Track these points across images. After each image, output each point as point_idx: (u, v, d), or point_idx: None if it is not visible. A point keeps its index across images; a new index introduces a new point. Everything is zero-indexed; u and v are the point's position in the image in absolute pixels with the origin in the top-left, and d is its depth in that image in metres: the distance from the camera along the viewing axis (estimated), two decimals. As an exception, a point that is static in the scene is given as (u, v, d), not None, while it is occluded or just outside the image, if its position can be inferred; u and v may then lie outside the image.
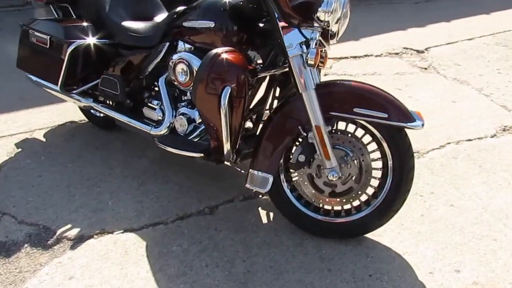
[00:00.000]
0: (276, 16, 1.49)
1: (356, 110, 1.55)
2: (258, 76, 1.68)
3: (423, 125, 1.53)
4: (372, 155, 1.66)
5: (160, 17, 2.18)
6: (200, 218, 1.91)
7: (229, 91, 1.53)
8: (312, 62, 1.45)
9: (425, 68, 3.53)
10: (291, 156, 1.70)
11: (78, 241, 1.80)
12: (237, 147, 1.71)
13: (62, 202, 2.04)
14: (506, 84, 3.23)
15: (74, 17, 2.32)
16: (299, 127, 1.61)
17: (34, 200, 2.06)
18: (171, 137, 1.90)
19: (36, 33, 2.17)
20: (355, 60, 3.72)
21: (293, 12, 1.46)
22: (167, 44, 1.92)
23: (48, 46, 2.14)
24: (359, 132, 1.66)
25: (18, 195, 2.09)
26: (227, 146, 1.61)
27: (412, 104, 2.93)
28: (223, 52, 1.56)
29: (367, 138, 1.66)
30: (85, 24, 2.15)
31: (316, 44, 1.47)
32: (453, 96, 3.04)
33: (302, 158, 1.65)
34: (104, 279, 1.60)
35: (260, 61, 1.79)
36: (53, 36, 2.11)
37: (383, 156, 1.63)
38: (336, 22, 1.53)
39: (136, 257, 1.70)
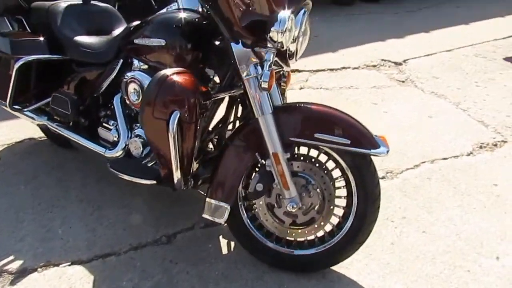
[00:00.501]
0: (228, 36, 1.38)
1: (317, 135, 1.43)
2: (213, 99, 1.56)
3: (387, 151, 1.42)
4: (336, 183, 1.55)
5: (118, 31, 2.05)
6: (156, 248, 1.77)
7: (178, 115, 1.41)
8: (266, 86, 1.33)
9: (403, 81, 3.45)
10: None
11: (19, 275, 1.65)
12: (191, 172, 1.59)
13: (8, 230, 1.89)
14: (484, 98, 3.16)
15: (28, 30, 2.17)
16: (256, 153, 1.50)
17: (-22, 228, 1.90)
18: (123, 161, 1.77)
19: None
20: (332, 73, 3.63)
21: (244, 32, 1.35)
22: (121, 61, 1.80)
23: (-4, 62, 2.00)
24: (322, 158, 1.55)
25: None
26: (177, 174, 1.48)
27: (388, 119, 2.85)
28: (172, 74, 1.43)
29: (330, 165, 1.55)
30: (36, 38, 2.01)
31: (270, 66, 1.36)
32: (430, 110, 2.96)
33: (260, 187, 1.53)
34: (41, 322, 1.45)
35: (217, 80, 1.67)
36: (1, 52, 1.97)
37: (347, 184, 1.52)
38: (294, 41, 1.42)
39: (80, 294, 1.56)
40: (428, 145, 2.51)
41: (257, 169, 1.58)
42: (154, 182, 1.62)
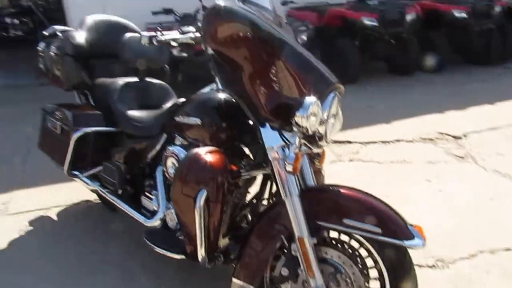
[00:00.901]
0: (253, 120, 1.42)
1: (346, 221, 1.37)
2: (242, 177, 1.58)
3: (423, 244, 1.31)
4: (368, 273, 1.44)
5: (167, 107, 2.20)
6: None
7: (205, 194, 1.43)
8: (291, 169, 1.33)
9: (462, 157, 3.25)
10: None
11: None
12: (221, 248, 1.58)
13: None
14: (557, 180, 2.86)
15: (92, 103, 2.41)
16: (282, 236, 1.46)
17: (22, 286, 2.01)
18: (157, 233, 1.81)
19: (51, 119, 2.27)
20: (384, 145, 3.53)
21: (270, 115, 1.39)
22: (165, 135, 1.91)
23: (59, 132, 2.21)
24: (354, 244, 1.46)
25: (6, 279, 2.06)
26: (201, 252, 1.48)
27: (442, 199, 2.66)
28: (203, 153, 1.49)
29: (363, 252, 1.45)
30: (94, 112, 2.21)
31: (296, 149, 1.36)
32: (491, 192, 2.72)
33: (285, 271, 1.47)
34: None
35: (252, 157, 1.70)
36: (63, 123, 2.18)
37: (380, 276, 1.41)
38: (321, 124, 1.41)
39: None
40: (487, 232, 2.28)
41: (284, 251, 1.53)
42: (183, 256, 1.63)
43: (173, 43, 1.52)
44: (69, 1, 5.49)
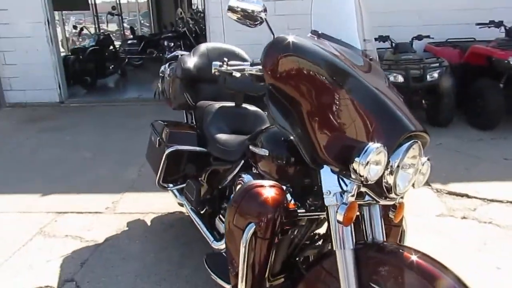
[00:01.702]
0: (309, 163, 1.33)
1: None
2: (299, 217, 1.48)
3: None
4: None
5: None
6: None
7: (253, 228, 1.38)
8: (341, 219, 1.19)
9: None
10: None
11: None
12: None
13: (121, 291, 2.12)
14: None
15: (194, 123, 2.57)
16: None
17: (104, 281, 2.21)
18: (217, 257, 1.81)
19: (154, 133, 2.49)
20: (511, 207, 2.96)
21: (328, 158, 1.27)
22: (242, 161, 1.92)
23: (157, 146, 2.41)
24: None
25: (96, 271, 2.29)
26: (241, 286, 1.41)
27: None
28: (259, 186, 1.44)
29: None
30: (189, 131, 2.35)
31: (352, 198, 1.22)
32: None
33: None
34: None
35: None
36: (161, 138, 2.38)
37: None
38: (391, 174, 1.24)
39: None
40: None
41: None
42: (230, 287, 1.59)
43: (236, 74, 1.53)
44: (210, 29, 6.07)
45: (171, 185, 2.43)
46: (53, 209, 3.05)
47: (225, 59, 1.60)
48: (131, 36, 11.56)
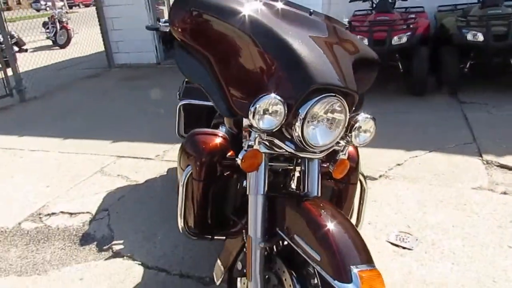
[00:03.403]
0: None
1: (295, 237, 1.25)
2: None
3: None
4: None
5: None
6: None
7: (190, 171, 1.54)
8: (240, 163, 1.28)
9: None
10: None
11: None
12: (206, 226, 1.62)
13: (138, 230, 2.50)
14: None
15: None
16: (244, 231, 1.43)
17: (129, 213, 2.61)
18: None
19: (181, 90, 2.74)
20: None
21: (235, 109, 1.33)
22: None
23: (178, 99, 2.67)
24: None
25: (127, 205, 2.71)
26: (180, 223, 1.60)
27: None
28: (202, 133, 1.57)
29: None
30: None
31: (251, 145, 1.29)
32: None
33: (239, 266, 1.45)
34: None
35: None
36: (179, 92, 2.62)
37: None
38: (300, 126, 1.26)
39: None
40: None
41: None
42: None
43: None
44: None
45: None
46: (116, 153, 3.59)
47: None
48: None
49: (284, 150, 1.36)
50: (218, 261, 1.60)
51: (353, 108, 1.45)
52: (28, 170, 3.39)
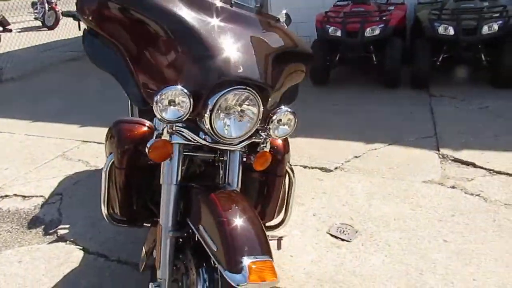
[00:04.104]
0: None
1: (200, 227, 1.27)
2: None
3: (241, 283, 1.10)
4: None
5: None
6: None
7: (112, 159, 1.55)
8: (147, 152, 1.29)
9: None
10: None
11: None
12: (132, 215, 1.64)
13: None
14: None
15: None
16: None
17: (82, 197, 2.63)
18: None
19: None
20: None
21: (148, 99, 1.34)
22: None
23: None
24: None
25: (82, 190, 2.72)
26: (104, 210, 1.61)
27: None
28: (126, 122, 1.57)
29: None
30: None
31: (160, 135, 1.30)
32: None
33: (154, 254, 1.47)
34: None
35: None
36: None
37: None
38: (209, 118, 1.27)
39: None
40: None
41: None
42: None
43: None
44: None
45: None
46: (82, 138, 3.59)
47: None
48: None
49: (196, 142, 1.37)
50: (143, 248, 1.63)
51: (273, 102, 1.47)
52: (-4, 152, 3.40)
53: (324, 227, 2.24)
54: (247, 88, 1.30)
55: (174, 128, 1.31)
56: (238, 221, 1.23)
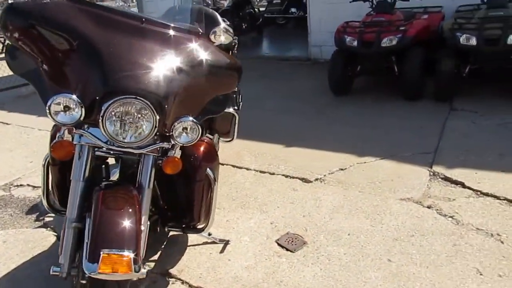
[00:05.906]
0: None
1: (87, 221, 1.44)
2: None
3: (91, 271, 1.26)
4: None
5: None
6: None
7: (48, 156, 1.77)
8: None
9: None
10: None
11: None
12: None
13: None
14: None
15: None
16: None
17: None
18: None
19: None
20: (504, 207, 2.35)
21: None
22: None
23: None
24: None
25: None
26: (44, 201, 1.84)
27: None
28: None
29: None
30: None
31: (63, 137, 1.49)
32: None
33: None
34: None
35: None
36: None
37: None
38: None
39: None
40: None
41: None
42: None
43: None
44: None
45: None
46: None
47: None
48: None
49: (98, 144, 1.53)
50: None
51: (179, 111, 1.58)
52: (28, 145, 3.88)
53: (276, 236, 2.27)
54: (138, 98, 1.44)
55: (74, 131, 1.49)
56: (109, 216, 1.37)
